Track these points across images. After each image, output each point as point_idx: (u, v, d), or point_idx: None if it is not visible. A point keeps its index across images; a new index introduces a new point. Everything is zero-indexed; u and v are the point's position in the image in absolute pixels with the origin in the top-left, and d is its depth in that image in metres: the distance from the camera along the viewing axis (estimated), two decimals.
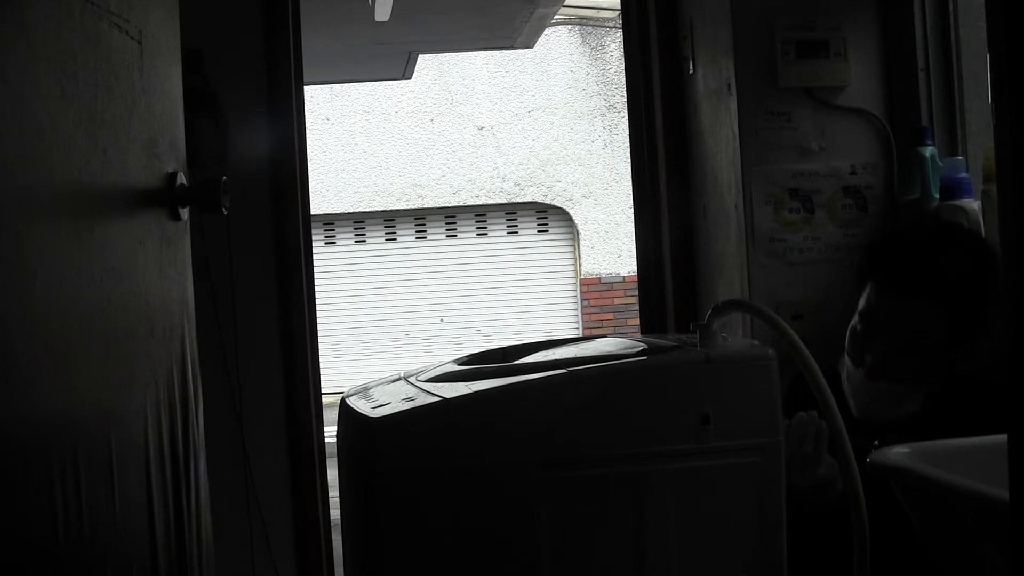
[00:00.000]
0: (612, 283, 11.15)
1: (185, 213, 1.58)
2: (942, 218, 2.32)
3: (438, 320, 11.25)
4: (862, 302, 1.96)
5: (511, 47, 6.87)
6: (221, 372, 2.77)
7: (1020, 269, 0.77)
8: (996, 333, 1.88)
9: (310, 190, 2.99)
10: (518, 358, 1.59)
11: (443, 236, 11.35)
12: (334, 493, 2.07)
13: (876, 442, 1.89)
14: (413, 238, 11.34)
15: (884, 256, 1.98)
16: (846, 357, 1.98)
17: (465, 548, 1.30)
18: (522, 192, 11.15)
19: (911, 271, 1.90)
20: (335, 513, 2.19)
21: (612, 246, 11.11)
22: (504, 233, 11.39)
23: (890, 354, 1.90)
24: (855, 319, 1.97)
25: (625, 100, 3.12)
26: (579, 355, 1.49)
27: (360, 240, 11.33)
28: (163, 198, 1.51)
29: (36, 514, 1.06)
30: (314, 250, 2.99)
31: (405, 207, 11.09)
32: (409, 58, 6.92)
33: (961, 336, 1.89)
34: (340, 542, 1.59)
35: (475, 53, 10.09)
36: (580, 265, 11.23)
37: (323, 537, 2.94)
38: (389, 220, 11.29)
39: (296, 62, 2.91)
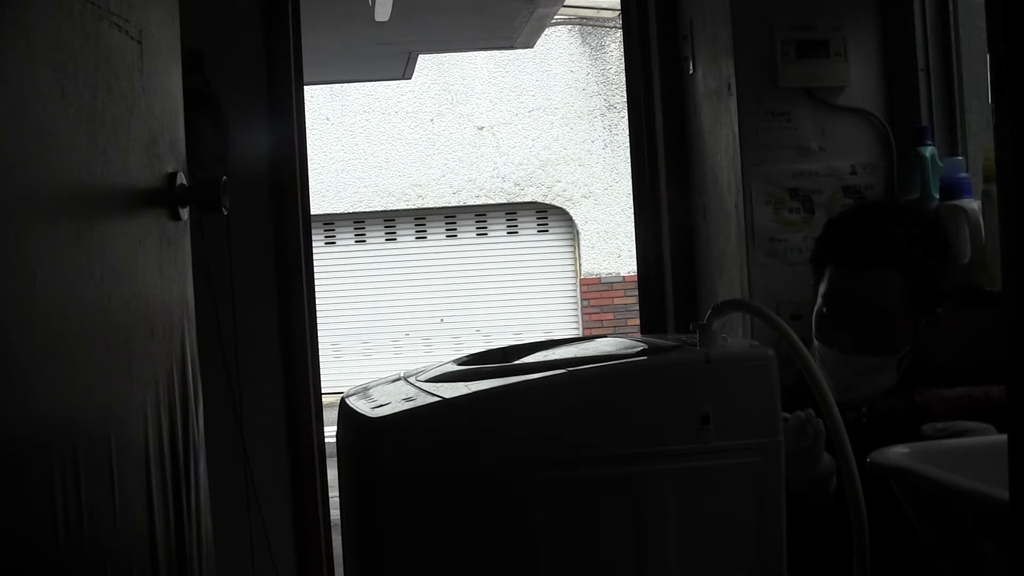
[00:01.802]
0: (612, 283, 11.15)
1: (185, 213, 1.58)
2: (883, 199, 2.48)
3: (438, 320, 11.24)
4: (824, 287, 2.06)
5: (511, 47, 6.87)
6: (221, 372, 2.77)
7: (1020, 269, 0.77)
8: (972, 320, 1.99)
9: (310, 190, 2.99)
10: (518, 358, 1.59)
11: (443, 236, 11.34)
12: (334, 493, 2.07)
13: (864, 409, 1.93)
14: (413, 238, 11.34)
15: (839, 235, 2.08)
16: (816, 343, 2.03)
17: (465, 548, 1.30)
18: (522, 192, 11.15)
19: (867, 241, 2.01)
20: (335, 513, 2.19)
21: (612, 246, 11.10)
22: (504, 233, 11.38)
23: (861, 324, 1.99)
24: (819, 303, 2.06)
25: (625, 100, 3.12)
26: (579, 355, 1.49)
27: (360, 240, 11.33)
28: (163, 198, 1.51)
29: (36, 514, 1.06)
30: (314, 250, 2.99)
31: (405, 207, 11.09)
32: (409, 58, 6.92)
33: (922, 300, 2.00)
34: (340, 542, 1.59)
35: (475, 53, 10.09)
36: (580, 265, 11.22)
37: (323, 537, 2.94)
38: (389, 220, 11.29)
39: (296, 62, 2.91)
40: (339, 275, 11.05)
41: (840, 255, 2.04)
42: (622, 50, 3.23)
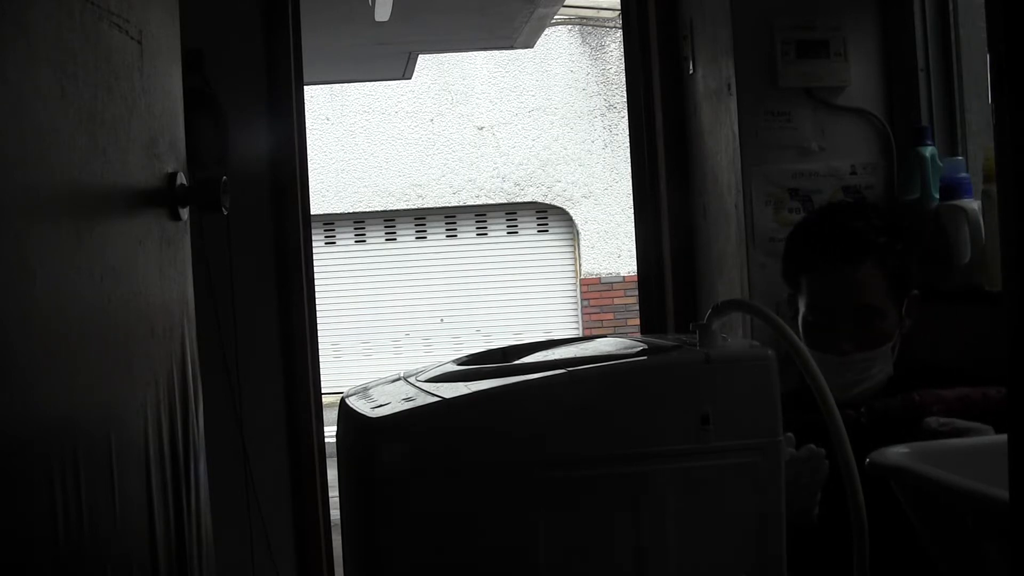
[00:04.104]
0: (612, 283, 11.15)
1: (185, 213, 1.58)
2: (836, 201, 2.49)
3: (438, 320, 11.24)
4: (804, 297, 2.05)
5: (511, 47, 6.87)
6: (221, 372, 2.77)
7: (1020, 269, 0.77)
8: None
9: (310, 190, 2.99)
10: (518, 358, 1.59)
11: (443, 236, 11.35)
12: (334, 493, 2.07)
13: (863, 409, 1.94)
14: (413, 238, 11.34)
15: (804, 242, 2.08)
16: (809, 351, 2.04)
17: (464, 548, 1.30)
18: (522, 192, 11.15)
19: (833, 241, 2.02)
20: (335, 513, 2.19)
21: (612, 246, 11.10)
22: (504, 233, 11.39)
23: (850, 321, 1.99)
24: (803, 312, 2.04)
25: (625, 100, 3.12)
26: (579, 355, 1.49)
27: (360, 240, 11.33)
28: (163, 198, 1.51)
29: (36, 514, 1.06)
30: (314, 250, 2.99)
31: (405, 207, 11.09)
32: (409, 58, 6.92)
33: (897, 285, 2.02)
34: (340, 542, 1.59)
35: (475, 53, 10.09)
36: (580, 265, 11.22)
37: (323, 537, 2.94)
38: (389, 220, 11.29)
39: (296, 62, 2.91)
40: (339, 275, 11.05)
41: (811, 261, 2.05)
42: (622, 50, 3.23)
